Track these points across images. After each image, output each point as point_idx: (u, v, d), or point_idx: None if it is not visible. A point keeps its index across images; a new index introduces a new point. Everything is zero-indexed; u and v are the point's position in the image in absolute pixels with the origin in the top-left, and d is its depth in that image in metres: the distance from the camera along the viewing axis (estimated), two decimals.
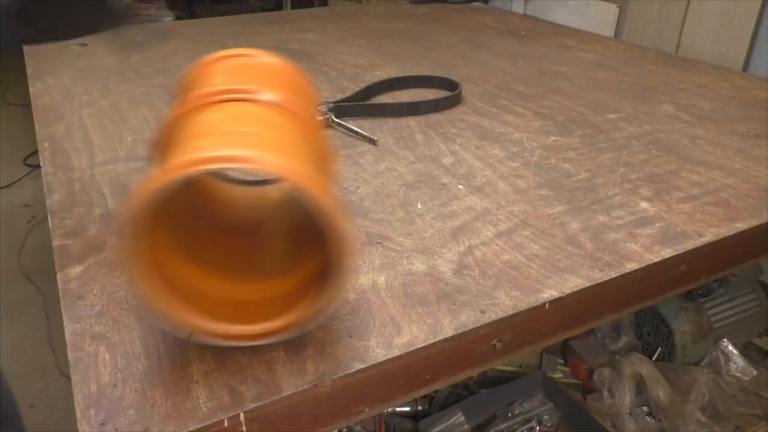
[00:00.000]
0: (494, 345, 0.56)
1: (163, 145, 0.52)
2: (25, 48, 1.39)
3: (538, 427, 1.12)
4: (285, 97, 0.54)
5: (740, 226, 0.69)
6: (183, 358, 0.50)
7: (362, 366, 0.49)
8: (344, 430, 1.06)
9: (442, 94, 1.09)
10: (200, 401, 0.46)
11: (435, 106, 1.03)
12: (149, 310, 0.45)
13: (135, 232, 0.42)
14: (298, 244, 0.55)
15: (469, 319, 0.54)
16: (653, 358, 1.19)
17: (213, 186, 0.60)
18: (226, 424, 0.45)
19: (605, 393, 1.13)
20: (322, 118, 0.57)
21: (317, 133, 0.55)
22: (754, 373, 1.19)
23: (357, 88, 1.08)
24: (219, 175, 0.61)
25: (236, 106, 0.52)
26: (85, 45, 1.48)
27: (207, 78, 0.56)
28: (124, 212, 0.41)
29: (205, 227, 0.58)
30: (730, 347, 1.20)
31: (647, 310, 1.21)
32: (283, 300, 0.50)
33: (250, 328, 0.48)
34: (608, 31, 1.72)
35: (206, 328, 0.47)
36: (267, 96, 0.53)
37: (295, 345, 0.51)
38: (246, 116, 0.51)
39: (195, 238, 0.55)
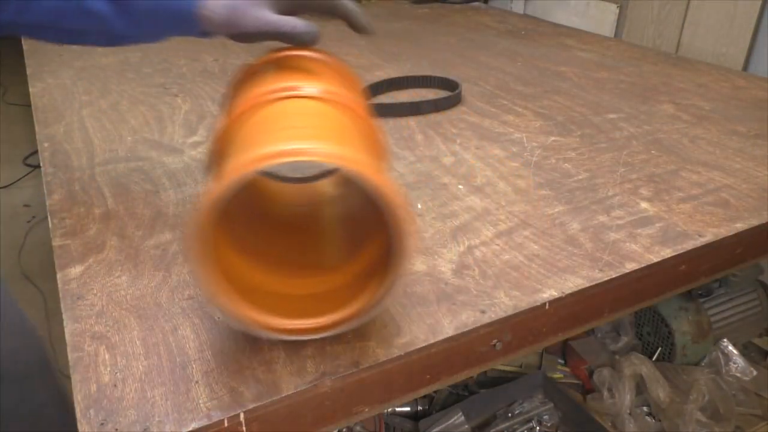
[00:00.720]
0: (494, 345, 0.56)
1: (218, 153, 0.54)
2: (25, 48, 1.40)
3: (538, 427, 1.12)
4: (331, 89, 0.55)
5: (740, 226, 0.69)
6: (183, 358, 0.50)
7: (362, 366, 0.49)
8: (344, 430, 1.06)
9: (442, 94, 1.09)
10: (200, 401, 0.46)
11: (435, 106, 1.03)
12: (225, 312, 0.46)
13: (204, 236, 0.43)
14: (353, 236, 0.56)
15: (469, 319, 0.54)
16: (653, 358, 1.19)
17: (266, 185, 0.61)
18: (226, 424, 0.45)
19: (605, 393, 1.13)
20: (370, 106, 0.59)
21: (367, 121, 0.56)
22: (754, 373, 1.19)
23: None
24: (271, 175, 0.63)
25: (283, 104, 0.53)
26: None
27: (252, 82, 0.57)
28: (195, 217, 0.42)
29: (261, 226, 0.59)
30: (730, 347, 1.20)
31: (647, 310, 1.21)
32: (346, 290, 0.50)
33: (317, 321, 0.49)
34: (608, 31, 1.72)
35: (275, 325, 0.48)
36: (312, 90, 0.54)
37: (295, 345, 0.51)
38: (295, 112, 0.52)
39: (252, 236, 0.56)
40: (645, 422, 1.11)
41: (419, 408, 1.15)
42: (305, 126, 0.49)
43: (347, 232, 0.59)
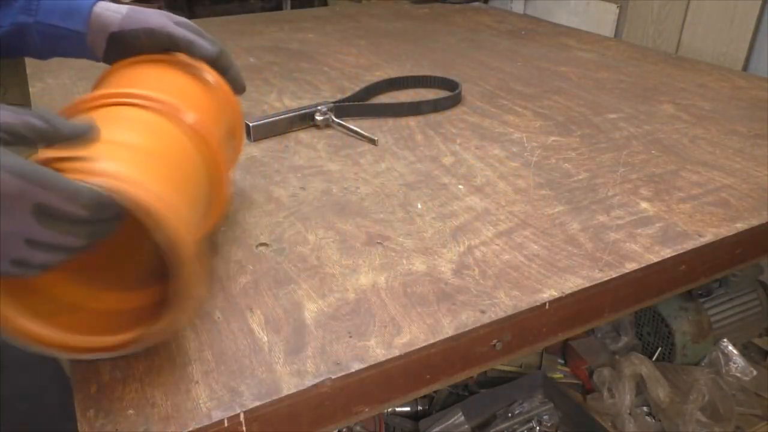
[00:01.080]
0: (494, 345, 0.56)
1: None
2: None
3: (538, 427, 1.12)
4: (176, 105, 0.53)
5: (740, 226, 0.69)
6: (183, 358, 0.50)
7: (362, 366, 0.49)
8: (344, 430, 1.06)
9: (442, 94, 1.09)
10: (200, 401, 0.46)
11: (435, 106, 1.03)
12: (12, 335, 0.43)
13: None
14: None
15: (469, 319, 0.54)
16: (653, 358, 1.19)
17: None
18: (226, 424, 0.45)
19: (605, 393, 1.13)
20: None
21: (209, 154, 0.54)
22: (754, 373, 1.19)
23: (357, 88, 1.08)
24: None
25: (120, 111, 0.51)
26: None
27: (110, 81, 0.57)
28: None
29: None
30: (730, 347, 1.20)
31: (647, 310, 1.21)
32: (136, 313, 0.48)
33: (85, 339, 0.46)
34: (608, 31, 1.72)
35: (41, 335, 0.45)
36: (154, 103, 0.52)
37: (296, 345, 0.51)
38: (123, 123, 0.50)
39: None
40: (645, 422, 1.11)
41: (419, 408, 1.15)
42: (113, 142, 0.46)
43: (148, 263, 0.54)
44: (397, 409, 1.15)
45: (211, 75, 0.62)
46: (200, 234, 0.49)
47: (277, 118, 0.92)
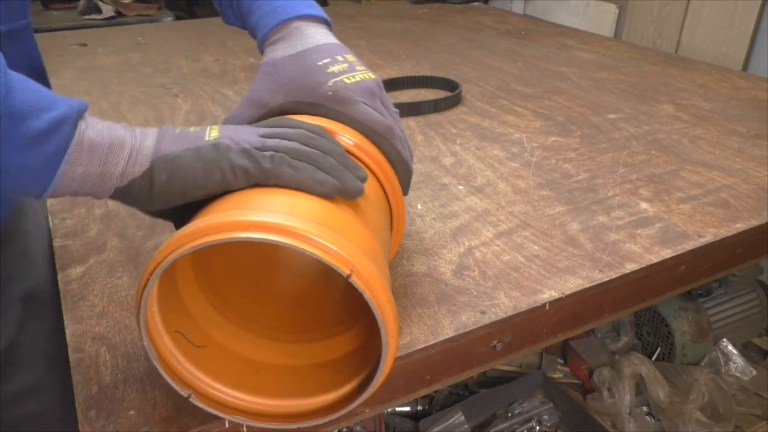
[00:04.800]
0: (494, 345, 0.56)
1: None
2: None
3: (537, 427, 1.12)
4: (362, 143, 0.50)
5: (740, 226, 0.69)
6: None
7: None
8: (344, 430, 1.06)
9: (442, 94, 1.09)
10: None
11: (435, 107, 1.03)
12: (152, 352, 0.41)
13: (154, 294, 0.39)
14: (349, 306, 0.50)
15: (469, 319, 0.54)
16: (653, 358, 1.19)
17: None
18: (227, 425, 0.45)
19: (605, 393, 1.13)
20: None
21: (395, 199, 0.52)
22: (754, 373, 1.19)
23: None
24: None
25: None
26: (85, 45, 1.48)
27: None
28: (146, 272, 0.38)
29: (256, 276, 0.53)
30: (730, 347, 1.20)
31: (647, 310, 1.21)
32: (330, 369, 0.46)
33: (255, 401, 0.44)
34: (608, 31, 1.72)
35: (206, 389, 0.44)
36: (347, 138, 0.49)
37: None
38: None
39: (237, 283, 0.51)
40: (645, 422, 1.12)
41: (419, 408, 1.15)
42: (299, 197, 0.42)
43: (345, 302, 0.52)
44: (397, 409, 1.15)
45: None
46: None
47: None
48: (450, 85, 1.12)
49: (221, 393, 0.43)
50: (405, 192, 0.55)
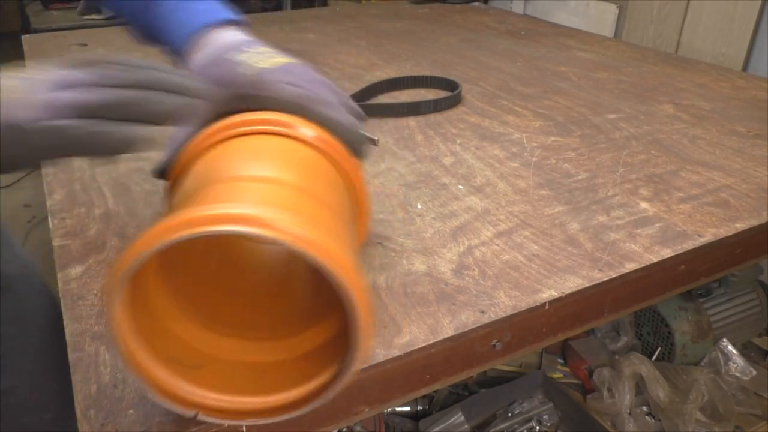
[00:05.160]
0: (494, 345, 0.56)
1: (177, 178, 0.49)
2: (25, 47, 1.40)
3: (537, 427, 1.12)
4: (321, 135, 0.50)
5: (740, 226, 0.69)
6: None
7: (362, 366, 0.49)
8: (344, 430, 1.06)
9: (442, 94, 1.09)
10: None
11: (435, 107, 1.03)
12: (146, 386, 0.41)
13: (126, 297, 0.37)
14: (323, 297, 0.49)
15: (469, 319, 0.54)
16: (653, 358, 1.19)
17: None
18: (226, 425, 0.45)
19: (605, 393, 1.13)
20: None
21: (352, 175, 0.52)
22: (754, 373, 1.19)
23: (357, 89, 1.08)
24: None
25: (266, 140, 0.48)
26: (85, 45, 1.48)
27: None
28: (111, 277, 0.36)
29: (226, 280, 0.52)
30: (730, 347, 1.20)
31: (647, 310, 1.21)
32: (302, 362, 0.45)
33: (263, 400, 0.43)
34: (608, 31, 1.72)
35: (211, 402, 0.43)
36: (306, 131, 0.49)
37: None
38: (275, 156, 0.46)
39: (212, 292, 0.50)
40: (645, 422, 1.12)
41: (419, 408, 1.15)
42: (265, 180, 0.42)
43: (319, 292, 0.50)
44: (397, 409, 1.15)
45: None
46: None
47: None
48: (450, 85, 1.12)
49: (219, 399, 0.43)
50: (359, 157, 0.56)
